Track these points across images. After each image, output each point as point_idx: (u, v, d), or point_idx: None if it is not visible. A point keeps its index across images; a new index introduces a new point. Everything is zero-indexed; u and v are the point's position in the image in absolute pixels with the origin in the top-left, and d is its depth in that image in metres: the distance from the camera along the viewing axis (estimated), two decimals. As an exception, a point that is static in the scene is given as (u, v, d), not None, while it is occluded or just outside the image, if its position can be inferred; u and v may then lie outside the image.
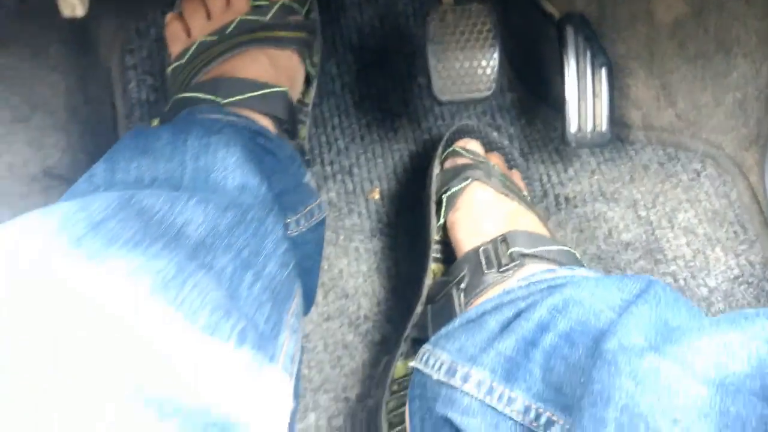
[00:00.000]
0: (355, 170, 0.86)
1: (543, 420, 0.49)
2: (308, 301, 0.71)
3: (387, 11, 0.91)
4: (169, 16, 0.76)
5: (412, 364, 0.59)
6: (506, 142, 0.82)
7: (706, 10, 0.79)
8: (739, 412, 0.39)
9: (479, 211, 0.69)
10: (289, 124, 0.70)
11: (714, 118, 0.84)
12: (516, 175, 0.79)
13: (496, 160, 0.78)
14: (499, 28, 0.70)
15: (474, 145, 0.77)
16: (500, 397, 0.51)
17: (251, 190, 0.53)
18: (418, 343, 0.65)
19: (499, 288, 0.60)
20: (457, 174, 0.72)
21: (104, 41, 0.85)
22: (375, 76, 0.90)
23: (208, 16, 0.74)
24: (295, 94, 0.76)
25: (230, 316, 0.39)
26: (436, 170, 0.76)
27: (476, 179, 0.71)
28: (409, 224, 0.84)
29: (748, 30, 0.79)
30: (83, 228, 0.38)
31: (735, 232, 0.84)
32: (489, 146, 0.81)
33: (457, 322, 0.58)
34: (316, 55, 0.78)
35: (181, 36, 0.74)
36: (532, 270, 0.60)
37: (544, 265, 0.61)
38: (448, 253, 0.72)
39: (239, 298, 0.43)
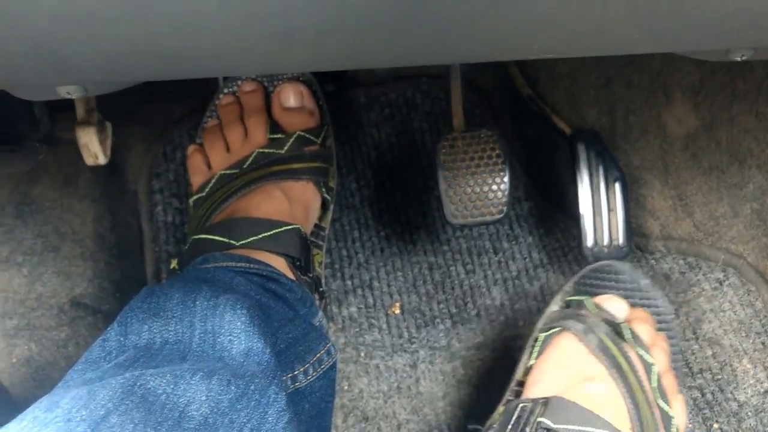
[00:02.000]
0: (375, 284, 0.88)
1: None
2: None
3: (403, 128, 0.94)
4: (190, 148, 0.79)
5: None
6: (659, 296, 0.68)
7: (717, 124, 0.80)
8: None
9: (554, 363, 0.62)
10: (302, 260, 0.72)
11: (733, 228, 0.84)
12: (663, 338, 0.67)
13: (641, 325, 0.64)
14: (509, 154, 0.72)
15: (616, 306, 0.65)
16: None
17: (256, 356, 0.54)
18: None
19: None
20: (560, 318, 0.65)
21: (131, 165, 0.88)
22: (393, 189, 0.92)
23: (228, 148, 0.77)
24: (310, 224, 0.78)
25: None
26: (553, 307, 0.69)
27: (568, 329, 0.62)
28: (430, 339, 0.84)
29: (759, 143, 0.79)
30: (84, 429, 0.40)
31: (763, 343, 0.82)
32: (634, 300, 0.68)
33: None
34: (332, 180, 0.80)
35: (202, 168, 0.77)
36: None
37: None
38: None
39: None
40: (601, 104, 0.80)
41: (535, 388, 0.61)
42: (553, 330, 0.64)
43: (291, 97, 0.78)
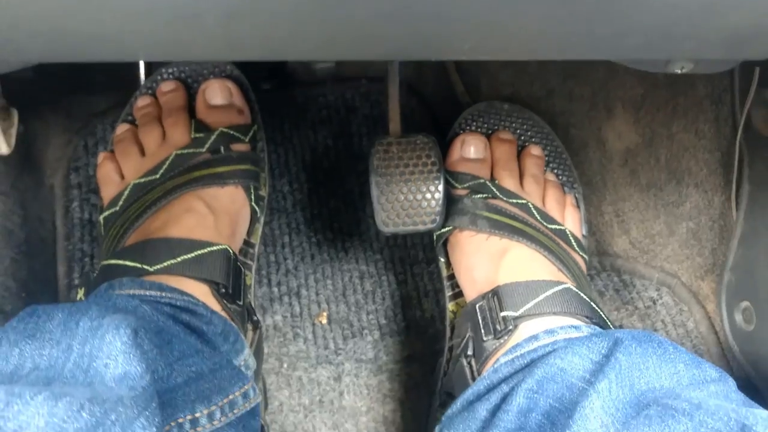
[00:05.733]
0: (303, 291, 0.84)
1: None
2: None
3: (340, 131, 0.90)
4: (101, 156, 0.71)
5: None
6: (516, 117, 0.77)
7: (657, 140, 0.79)
8: None
9: (470, 259, 0.70)
10: (229, 287, 0.63)
11: (668, 246, 0.83)
12: (531, 152, 0.76)
13: (501, 149, 0.75)
14: (444, 161, 0.69)
15: (473, 149, 0.74)
16: None
17: (131, 380, 0.46)
18: (450, 395, 0.69)
19: (498, 353, 0.63)
20: (447, 214, 0.71)
21: (49, 158, 0.83)
22: (327, 194, 0.89)
23: (143, 152, 0.70)
24: (239, 240, 0.70)
25: None
26: None
27: (460, 227, 0.70)
28: (356, 351, 0.81)
29: (698, 161, 0.78)
30: None
31: (693, 364, 0.81)
32: (496, 127, 0.78)
33: (458, 404, 0.61)
34: (263, 188, 0.74)
35: (114, 178, 0.69)
36: (524, 333, 0.62)
37: (536, 323, 0.63)
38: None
39: None
40: (542, 115, 0.78)
41: (472, 289, 0.69)
42: (446, 229, 0.71)
43: (218, 93, 0.71)
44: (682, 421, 0.46)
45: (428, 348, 0.81)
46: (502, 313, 0.64)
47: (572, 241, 0.73)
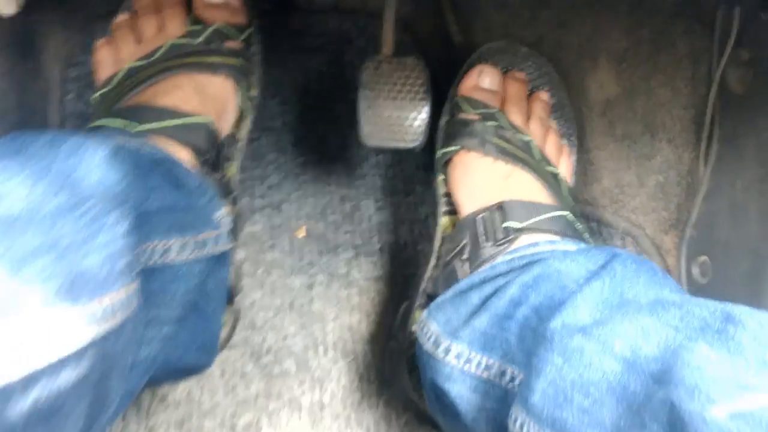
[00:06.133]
0: (285, 206, 0.87)
1: (517, 381, 0.57)
2: (206, 351, 0.67)
3: (334, 59, 0.93)
4: (98, 42, 0.74)
5: (413, 327, 0.69)
6: (531, 61, 0.81)
7: (636, 94, 0.83)
8: (635, 389, 0.45)
9: (474, 177, 0.73)
10: (211, 155, 0.68)
11: (636, 198, 0.87)
12: (540, 96, 0.80)
13: (514, 87, 0.78)
14: (431, 85, 0.72)
15: (489, 80, 0.77)
16: (478, 365, 0.60)
17: (107, 182, 0.49)
18: (431, 298, 0.71)
19: (497, 259, 0.66)
20: (455, 135, 0.74)
21: (49, 51, 0.85)
22: (316, 119, 0.92)
23: (140, 41, 0.73)
24: (225, 125, 0.74)
25: None
26: (443, 119, 0.78)
27: (467, 147, 0.73)
28: (330, 266, 0.84)
29: (672, 117, 0.82)
30: None
31: (647, 311, 0.85)
32: (511, 67, 0.81)
33: (449, 293, 0.65)
34: (254, 88, 0.77)
35: (109, 62, 0.73)
36: (524, 242, 0.67)
37: (536, 236, 0.67)
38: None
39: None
40: (529, 60, 0.82)
41: (471, 206, 0.72)
42: (453, 149, 0.74)
43: None
44: (670, 310, 0.49)
45: (399, 271, 0.85)
46: (506, 224, 0.67)
47: (563, 187, 0.76)
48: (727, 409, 0.38)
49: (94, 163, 0.49)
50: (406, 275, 0.85)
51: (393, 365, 0.75)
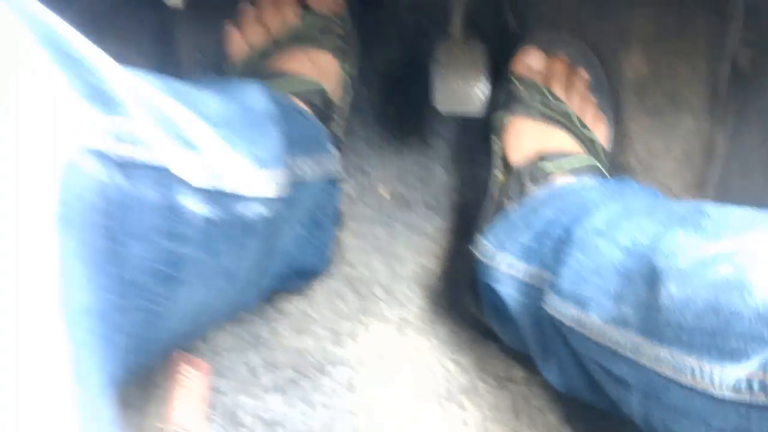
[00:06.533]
0: (370, 170, 1.05)
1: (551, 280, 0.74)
2: (320, 258, 0.90)
3: (411, 48, 1.10)
4: (229, 25, 0.94)
5: (471, 247, 0.88)
6: (574, 46, 0.98)
7: (662, 73, 1.00)
8: (632, 266, 0.64)
9: (523, 139, 0.91)
10: (324, 113, 0.86)
11: (664, 162, 1.03)
12: (579, 73, 0.96)
13: (557, 65, 0.95)
14: (490, 63, 0.90)
15: (536, 59, 0.94)
16: (521, 270, 0.79)
17: (266, 108, 0.71)
18: None
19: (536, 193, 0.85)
20: (508, 104, 0.93)
21: (183, 37, 1.05)
22: (395, 99, 1.09)
23: (264, 25, 0.92)
24: (333, 94, 0.91)
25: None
26: (499, 91, 0.95)
27: (519, 114, 0.91)
28: (407, 219, 1.02)
29: (693, 92, 0.98)
30: None
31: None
32: (557, 49, 0.97)
33: (499, 218, 0.86)
34: (352, 67, 0.96)
35: (240, 42, 0.93)
36: (560, 182, 0.85)
37: (570, 178, 0.85)
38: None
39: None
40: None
41: (520, 159, 0.89)
42: (507, 115, 0.93)
43: None
44: (661, 211, 0.69)
45: (464, 224, 1.02)
46: (545, 167, 0.86)
47: (599, 150, 0.94)
48: (687, 261, 0.56)
49: (257, 97, 0.72)
50: (470, 228, 1.02)
51: (460, 290, 0.93)
